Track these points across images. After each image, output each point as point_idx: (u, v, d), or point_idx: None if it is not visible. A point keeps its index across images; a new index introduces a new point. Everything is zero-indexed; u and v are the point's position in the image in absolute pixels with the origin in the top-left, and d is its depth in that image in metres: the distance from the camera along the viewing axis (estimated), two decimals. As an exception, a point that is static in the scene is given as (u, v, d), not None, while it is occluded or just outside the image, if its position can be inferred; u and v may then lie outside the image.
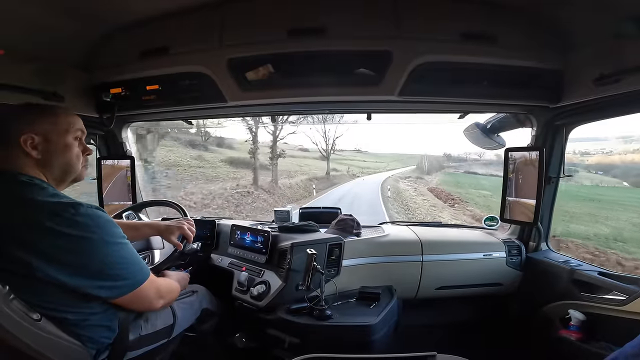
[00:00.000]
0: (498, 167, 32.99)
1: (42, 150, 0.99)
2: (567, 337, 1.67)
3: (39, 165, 0.99)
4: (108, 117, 1.87)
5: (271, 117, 2.03)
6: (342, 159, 36.60)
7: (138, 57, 1.68)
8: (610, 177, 17.63)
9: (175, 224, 1.48)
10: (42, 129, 0.99)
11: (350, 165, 35.02)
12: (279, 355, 1.63)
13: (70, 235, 0.89)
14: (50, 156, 1.01)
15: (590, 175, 18.32)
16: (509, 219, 2.03)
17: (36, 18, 1.35)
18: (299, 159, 28.54)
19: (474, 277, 2.07)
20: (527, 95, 1.67)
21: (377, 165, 41.06)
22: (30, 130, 0.97)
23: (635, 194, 14.63)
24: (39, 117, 1.01)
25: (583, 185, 16.50)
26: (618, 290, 1.53)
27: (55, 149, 1.02)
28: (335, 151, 37.73)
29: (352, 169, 33.52)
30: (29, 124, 0.98)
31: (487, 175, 28.48)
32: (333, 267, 1.83)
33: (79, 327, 0.96)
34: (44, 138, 0.99)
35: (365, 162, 41.19)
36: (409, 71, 1.53)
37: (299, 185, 19.75)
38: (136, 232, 1.47)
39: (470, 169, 33.88)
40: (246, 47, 1.56)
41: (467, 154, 38.13)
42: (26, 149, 0.96)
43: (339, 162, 34.38)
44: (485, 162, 33.74)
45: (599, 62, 1.37)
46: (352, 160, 38.47)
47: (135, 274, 1.02)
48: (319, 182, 22.76)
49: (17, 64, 1.45)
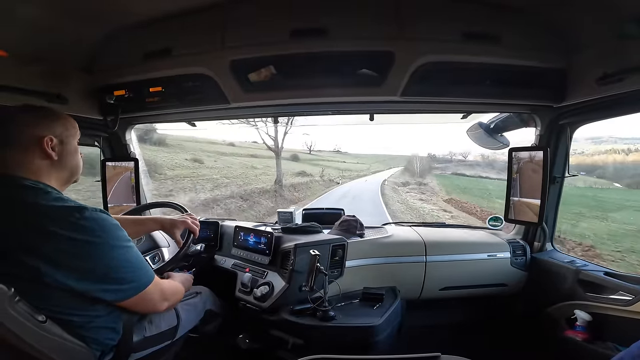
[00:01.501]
0: (485, 168, 32.38)
1: (58, 152, 1.01)
2: (573, 337, 1.66)
3: (53, 166, 1.01)
4: (112, 119, 1.88)
5: (273, 118, 2.03)
6: (318, 159, 32.29)
7: (141, 59, 1.68)
8: (595, 177, 17.58)
9: (179, 219, 1.50)
10: (59, 132, 1.02)
11: (326, 166, 29.22)
12: (283, 356, 1.63)
13: (75, 239, 0.89)
14: (64, 158, 1.04)
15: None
16: (514, 219, 2.02)
17: (38, 20, 1.36)
18: (252, 159, 23.07)
19: (478, 277, 2.06)
20: (530, 94, 1.66)
21: (358, 167, 37.48)
22: (51, 133, 1.00)
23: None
24: (55, 120, 1.04)
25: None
26: (624, 291, 1.52)
27: (69, 151, 1.05)
28: (313, 151, 33.39)
29: (327, 172, 26.95)
30: (49, 126, 1.01)
31: (476, 177, 27.81)
32: (336, 268, 1.83)
33: (84, 329, 0.96)
34: (59, 140, 1.02)
35: (344, 163, 37.23)
36: (412, 71, 1.52)
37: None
38: (141, 226, 1.49)
39: (458, 171, 32.84)
40: (248, 49, 1.56)
41: (452, 154, 37.25)
42: (47, 150, 0.98)
43: (313, 162, 29.39)
44: (471, 163, 33.05)
45: (603, 61, 1.37)
46: (329, 162, 33.70)
47: (140, 277, 1.02)
48: (252, 203, 12.74)
49: (20, 66, 1.45)
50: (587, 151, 19.18)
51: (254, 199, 13.39)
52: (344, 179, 27.56)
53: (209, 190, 13.12)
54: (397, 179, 28.51)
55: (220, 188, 13.80)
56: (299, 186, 19.41)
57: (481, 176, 27.23)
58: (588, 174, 16.38)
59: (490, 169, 31.26)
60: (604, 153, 19.20)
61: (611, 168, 17.36)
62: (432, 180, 27.51)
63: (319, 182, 22.94)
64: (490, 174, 28.60)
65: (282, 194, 16.02)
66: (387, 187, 22.60)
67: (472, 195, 19.23)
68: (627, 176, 16.22)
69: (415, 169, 32.43)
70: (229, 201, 12.29)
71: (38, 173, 0.98)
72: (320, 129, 29.74)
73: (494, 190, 17.90)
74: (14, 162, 0.95)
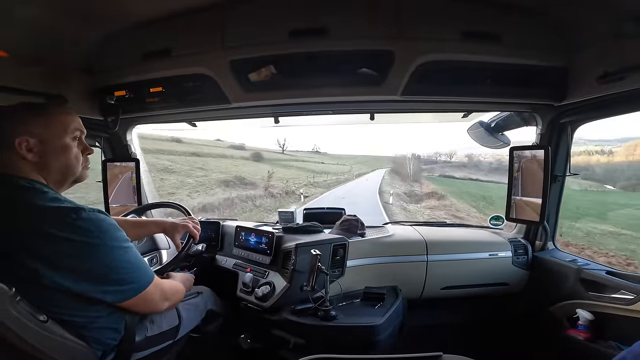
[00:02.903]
0: (472, 169, 31.36)
1: (38, 153, 0.96)
2: (575, 336, 1.66)
3: (37, 168, 0.97)
4: (112, 119, 1.88)
5: (274, 118, 2.03)
6: (291, 160, 27.75)
7: (141, 59, 1.68)
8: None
9: (181, 222, 1.48)
10: (37, 131, 0.96)
11: (302, 167, 23.07)
12: (284, 356, 1.63)
13: (72, 240, 0.88)
14: (48, 159, 0.98)
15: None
16: (515, 218, 2.01)
17: (38, 20, 1.36)
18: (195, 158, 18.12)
19: (480, 277, 2.06)
20: (531, 93, 1.65)
21: (338, 168, 33.26)
22: (25, 133, 0.94)
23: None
24: (32, 118, 0.97)
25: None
26: (626, 290, 1.52)
27: (53, 151, 0.98)
28: (286, 151, 29.28)
29: (296, 177, 19.98)
30: (23, 125, 0.95)
31: (467, 180, 26.57)
32: (337, 268, 1.83)
33: (85, 329, 0.96)
34: (39, 140, 0.96)
35: (322, 164, 32.80)
36: (412, 71, 1.52)
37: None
38: (142, 229, 1.48)
39: (445, 172, 31.42)
40: (248, 49, 1.56)
41: (438, 154, 35.92)
42: (21, 152, 0.93)
43: (282, 164, 23.51)
44: (458, 164, 31.84)
45: (603, 60, 1.36)
46: (304, 162, 28.96)
47: (140, 278, 1.01)
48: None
49: (20, 67, 1.45)
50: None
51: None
52: (316, 187, 19.03)
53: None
54: (395, 187, 23.29)
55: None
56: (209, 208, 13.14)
57: (471, 178, 26.43)
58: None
59: (476, 170, 30.44)
60: (578, 155, 19.18)
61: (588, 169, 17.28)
62: (430, 183, 23.14)
63: (259, 198, 15.68)
64: (479, 175, 27.82)
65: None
66: (396, 207, 16.95)
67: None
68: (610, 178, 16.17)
69: (408, 170, 29.20)
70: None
71: (27, 174, 0.95)
72: (301, 129, 28.07)
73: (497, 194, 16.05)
74: (5, 163, 0.94)
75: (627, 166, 17.07)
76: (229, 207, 14.68)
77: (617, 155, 17.72)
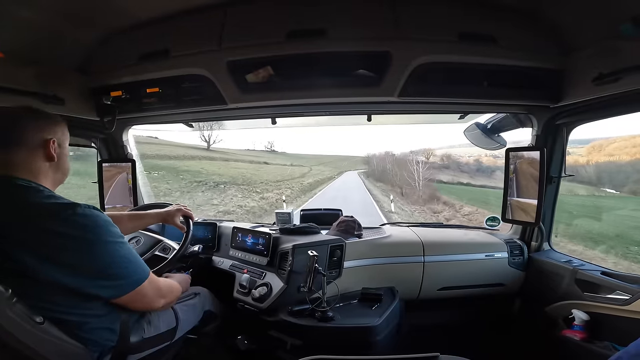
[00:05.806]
0: (457, 172, 29.55)
1: (58, 155, 1.05)
2: (570, 337, 1.66)
3: (52, 168, 1.04)
4: (109, 120, 1.87)
5: (271, 119, 2.03)
6: (214, 158, 20.88)
7: (138, 60, 1.68)
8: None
9: (174, 208, 1.61)
10: (58, 136, 1.07)
11: (227, 168, 17.20)
12: (281, 357, 1.63)
13: (69, 235, 0.90)
14: (61, 160, 1.07)
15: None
16: (511, 219, 2.02)
17: (35, 21, 1.36)
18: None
19: (476, 277, 2.06)
20: (527, 95, 1.67)
21: (289, 171, 25.44)
22: (54, 135, 1.04)
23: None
24: (57, 124, 1.08)
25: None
26: (621, 290, 1.53)
27: (64, 154, 1.09)
28: (213, 148, 21.76)
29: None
30: (53, 129, 1.05)
31: (456, 184, 24.29)
32: (334, 269, 1.83)
33: (81, 329, 0.96)
34: (59, 144, 1.06)
35: (267, 165, 24.93)
36: (409, 72, 1.53)
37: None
38: (140, 221, 1.55)
39: (432, 176, 28.56)
40: (246, 50, 1.57)
41: (413, 153, 32.28)
42: (51, 151, 1.02)
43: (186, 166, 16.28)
44: (439, 165, 30.09)
45: (598, 61, 1.37)
46: (235, 162, 21.14)
47: (135, 273, 1.03)
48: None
49: (16, 67, 1.45)
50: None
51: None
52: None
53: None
54: (386, 196, 19.04)
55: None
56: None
57: (461, 182, 24.79)
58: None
59: (460, 173, 29.39)
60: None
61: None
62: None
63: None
64: (468, 179, 26.22)
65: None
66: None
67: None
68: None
69: (416, 180, 22.70)
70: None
71: (37, 174, 1.00)
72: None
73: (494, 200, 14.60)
74: (16, 163, 0.97)
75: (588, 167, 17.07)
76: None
77: (579, 157, 17.67)
